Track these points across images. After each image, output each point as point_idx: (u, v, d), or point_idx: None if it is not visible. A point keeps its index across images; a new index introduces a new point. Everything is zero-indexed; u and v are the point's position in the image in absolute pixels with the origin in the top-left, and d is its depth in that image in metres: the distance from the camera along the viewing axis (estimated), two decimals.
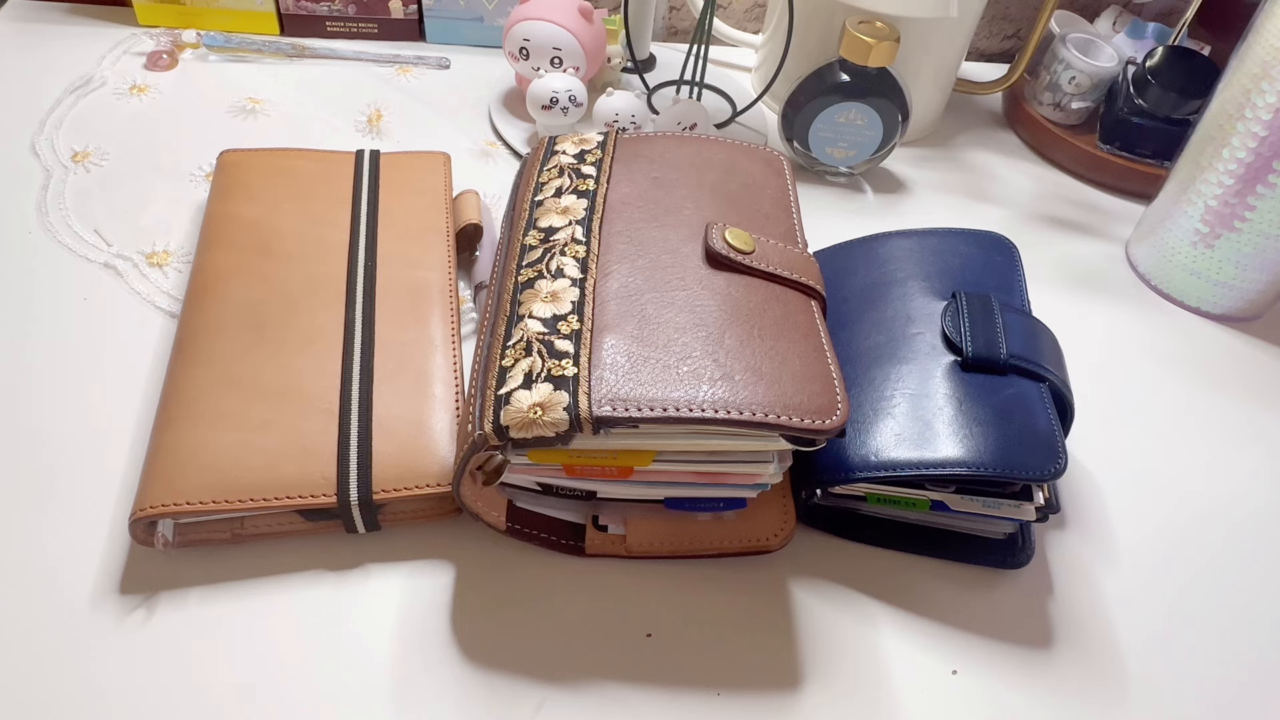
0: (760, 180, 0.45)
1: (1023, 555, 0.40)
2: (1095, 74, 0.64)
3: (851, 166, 0.61)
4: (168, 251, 0.49)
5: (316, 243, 0.45)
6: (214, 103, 0.61)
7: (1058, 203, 0.64)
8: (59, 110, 0.58)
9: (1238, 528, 0.44)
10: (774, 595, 0.38)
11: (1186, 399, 0.50)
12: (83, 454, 0.39)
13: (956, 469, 0.35)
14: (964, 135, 0.69)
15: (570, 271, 0.37)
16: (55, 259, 0.48)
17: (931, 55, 0.62)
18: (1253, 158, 0.49)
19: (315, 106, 0.61)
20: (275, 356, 0.40)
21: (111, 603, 0.35)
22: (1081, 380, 0.42)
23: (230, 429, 0.37)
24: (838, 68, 0.57)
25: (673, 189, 0.43)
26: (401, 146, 0.57)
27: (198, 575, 0.36)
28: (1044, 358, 0.39)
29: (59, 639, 0.34)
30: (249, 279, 0.43)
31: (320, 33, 0.68)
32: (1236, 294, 0.54)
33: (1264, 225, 0.51)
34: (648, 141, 0.46)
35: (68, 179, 0.53)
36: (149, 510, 0.34)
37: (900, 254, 0.45)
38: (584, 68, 0.58)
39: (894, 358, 0.40)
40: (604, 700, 0.34)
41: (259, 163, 0.50)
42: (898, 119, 0.58)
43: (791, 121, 0.59)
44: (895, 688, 0.36)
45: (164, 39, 0.64)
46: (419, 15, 0.69)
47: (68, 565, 0.36)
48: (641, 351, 0.34)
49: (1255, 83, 0.48)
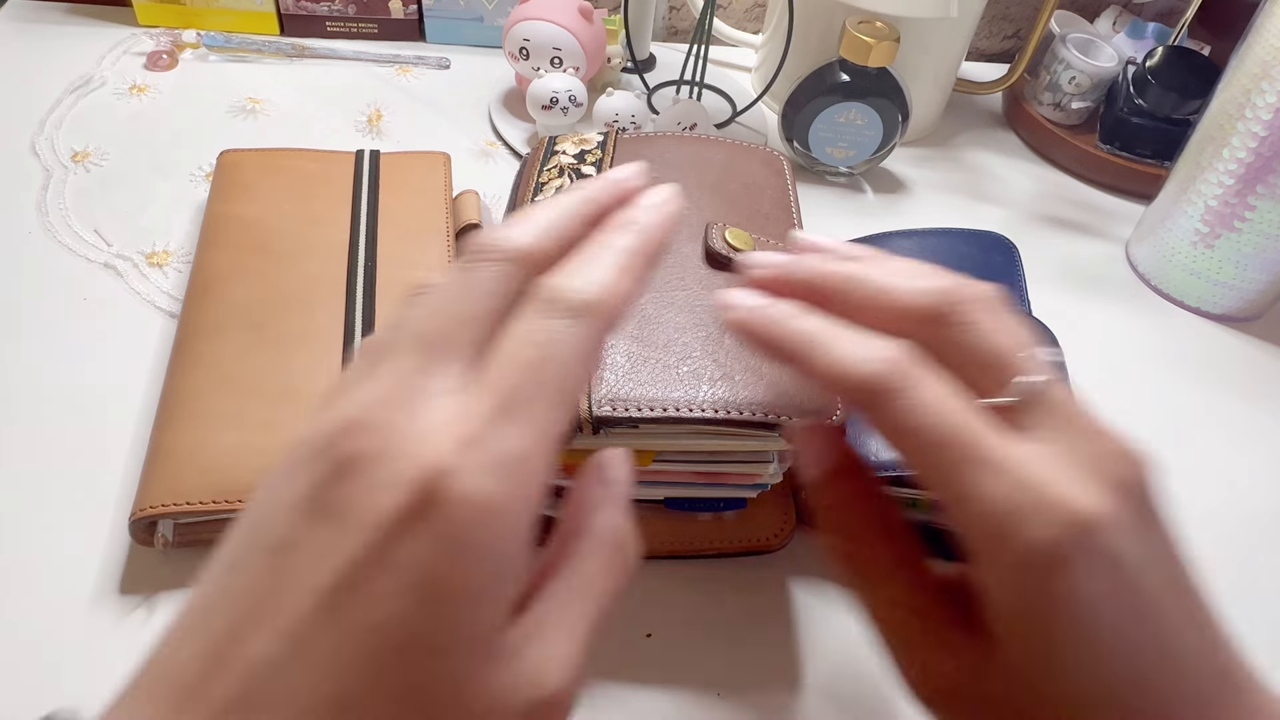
0: (760, 180, 0.45)
1: None
2: (1095, 74, 0.64)
3: (851, 166, 0.61)
4: (167, 251, 0.49)
5: (316, 243, 0.45)
6: (214, 103, 0.61)
7: (1058, 203, 0.64)
8: (59, 110, 0.58)
9: (1238, 528, 0.44)
10: (774, 595, 0.38)
11: (1186, 399, 0.50)
12: (82, 454, 0.39)
13: None
14: (964, 135, 0.69)
15: None
16: (55, 259, 0.48)
17: (931, 55, 0.62)
18: (1253, 158, 0.49)
19: (315, 106, 0.61)
20: (275, 356, 0.40)
21: (111, 602, 0.35)
22: (1081, 380, 0.41)
23: (230, 429, 0.37)
24: (838, 68, 0.57)
25: None
26: (401, 146, 0.57)
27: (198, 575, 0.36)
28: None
29: (59, 639, 0.34)
30: (249, 279, 0.43)
31: (320, 33, 0.68)
32: (1236, 294, 0.54)
33: (1264, 225, 0.51)
34: (648, 141, 0.46)
35: (67, 179, 0.53)
36: (148, 510, 0.34)
37: (900, 254, 0.44)
38: (584, 68, 0.58)
39: None
40: (603, 700, 0.34)
41: (259, 162, 0.50)
42: (898, 119, 0.58)
43: (791, 121, 0.59)
44: (896, 688, 0.36)
45: (164, 39, 0.64)
46: (419, 15, 0.69)
47: (68, 565, 0.36)
48: (641, 351, 0.34)
49: (1255, 83, 0.48)
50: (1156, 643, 0.22)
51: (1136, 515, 0.22)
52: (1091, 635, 0.21)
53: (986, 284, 0.25)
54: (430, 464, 0.18)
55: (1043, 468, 0.22)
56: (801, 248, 0.27)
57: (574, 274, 0.21)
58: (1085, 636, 0.21)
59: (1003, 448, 0.22)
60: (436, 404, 0.19)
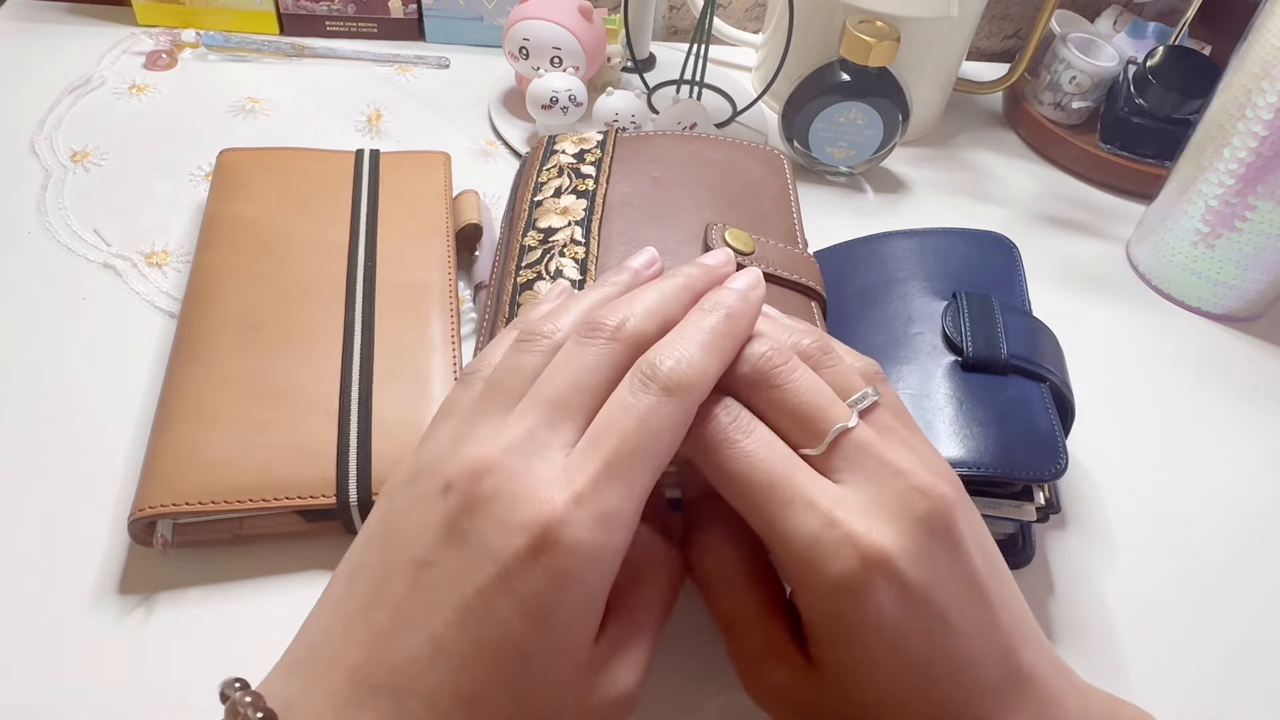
0: (760, 180, 0.45)
1: (1023, 555, 0.40)
2: (1096, 74, 0.64)
3: (851, 166, 0.61)
4: (167, 251, 0.49)
5: (317, 242, 0.45)
6: (213, 102, 0.60)
7: (1058, 203, 0.64)
8: (58, 110, 0.58)
9: (1239, 527, 0.44)
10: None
11: (1187, 399, 0.50)
12: (82, 454, 0.39)
13: (957, 468, 0.35)
14: (964, 135, 0.69)
15: (569, 273, 0.37)
16: (54, 259, 0.48)
17: (931, 55, 0.62)
18: (1253, 158, 0.49)
19: (315, 106, 0.61)
20: (275, 356, 0.40)
21: (111, 602, 0.35)
22: (1082, 380, 0.41)
23: (229, 429, 0.37)
24: (838, 67, 0.57)
25: (672, 189, 0.43)
26: (401, 146, 0.57)
27: (197, 575, 0.36)
28: (1045, 358, 0.39)
29: (59, 638, 0.34)
30: (249, 278, 0.43)
31: (320, 32, 0.68)
32: (1237, 294, 0.54)
33: (1264, 225, 0.51)
34: (647, 140, 0.46)
35: (67, 179, 0.53)
36: (148, 510, 0.34)
37: (900, 254, 0.44)
38: (584, 67, 0.58)
39: (894, 358, 0.40)
40: None
41: (259, 162, 0.50)
42: (898, 119, 0.58)
43: (791, 121, 0.59)
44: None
45: (163, 38, 0.64)
46: (419, 15, 0.69)
47: (68, 565, 0.36)
48: None
49: (1256, 82, 0.48)
50: (946, 654, 0.25)
51: (928, 544, 0.25)
52: (885, 651, 0.25)
53: (812, 339, 0.29)
54: (549, 513, 0.23)
55: (845, 507, 0.25)
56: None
57: (670, 353, 0.26)
58: (881, 652, 0.25)
59: (813, 491, 0.26)
60: (555, 458, 0.24)
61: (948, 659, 0.25)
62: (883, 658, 0.25)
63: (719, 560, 0.30)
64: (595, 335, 0.26)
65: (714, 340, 0.27)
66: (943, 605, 0.25)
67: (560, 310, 0.29)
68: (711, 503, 0.31)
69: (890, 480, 0.26)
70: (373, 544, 0.26)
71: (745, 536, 0.30)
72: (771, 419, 0.27)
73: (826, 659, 0.27)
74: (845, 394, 0.28)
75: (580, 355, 0.26)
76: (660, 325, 0.27)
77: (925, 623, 0.25)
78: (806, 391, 0.27)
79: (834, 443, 0.26)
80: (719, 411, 0.27)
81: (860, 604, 0.25)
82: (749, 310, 0.28)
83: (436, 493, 0.24)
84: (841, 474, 0.26)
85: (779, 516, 0.25)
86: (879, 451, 0.27)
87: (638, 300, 0.28)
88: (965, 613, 0.26)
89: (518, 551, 0.23)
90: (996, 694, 0.26)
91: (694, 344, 0.26)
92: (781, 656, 0.28)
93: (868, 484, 0.26)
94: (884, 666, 0.25)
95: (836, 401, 0.27)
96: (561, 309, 0.29)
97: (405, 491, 0.26)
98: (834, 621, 0.26)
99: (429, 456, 0.26)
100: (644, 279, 0.31)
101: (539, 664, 0.23)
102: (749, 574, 0.30)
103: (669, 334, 0.27)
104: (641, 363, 0.26)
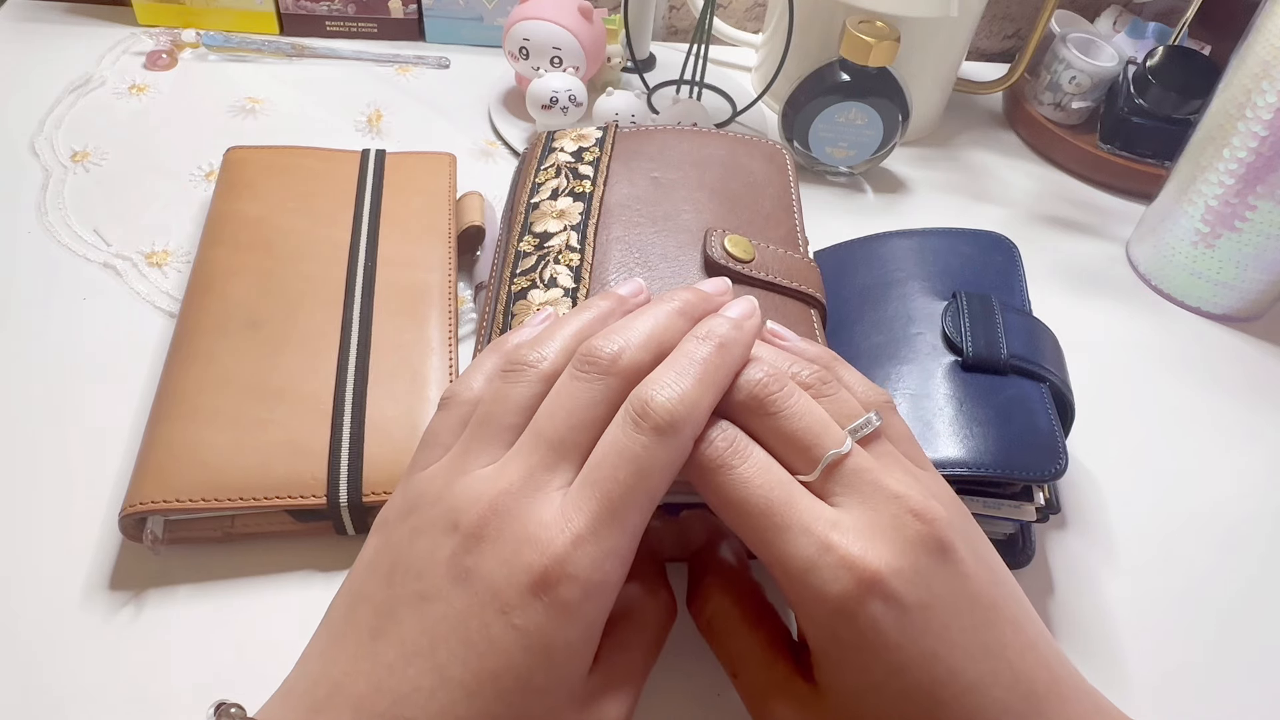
0: (762, 177, 0.45)
1: (1023, 556, 0.40)
2: (1095, 74, 0.64)
3: (851, 166, 0.61)
4: (167, 251, 0.49)
5: (319, 242, 0.45)
6: (213, 102, 0.60)
7: (1058, 203, 0.64)
8: (58, 110, 0.58)
9: (1238, 527, 0.44)
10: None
11: (1187, 399, 0.50)
12: (80, 453, 0.39)
13: (957, 469, 0.35)
14: (964, 135, 0.69)
15: (564, 281, 0.37)
16: (54, 259, 0.48)
17: (931, 55, 0.62)
18: (1253, 157, 0.49)
19: (315, 106, 0.61)
20: (272, 355, 0.40)
21: (101, 598, 0.35)
22: (1082, 380, 0.41)
23: (224, 427, 0.37)
24: (838, 67, 0.57)
25: (672, 190, 0.43)
26: (401, 146, 0.57)
27: (187, 573, 0.36)
28: (1045, 358, 0.39)
29: (49, 634, 0.34)
30: (249, 277, 0.43)
31: (320, 32, 0.68)
32: (1237, 294, 0.54)
33: (1264, 225, 0.51)
34: (648, 136, 0.46)
35: (67, 179, 0.53)
36: (139, 506, 0.34)
37: (900, 254, 0.44)
38: (584, 67, 0.58)
39: (894, 358, 0.40)
40: None
41: (264, 160, 0.50)
42: (898, 119, 0.58)
43: (791, 121, 0.59)
44: None
45: (163, 38, 0.64)
46: (419, 15, 0.69)
47: (60, 561, 0.36)
48: None
49: (1255, 82, 0.48)
50: (952, 675, 0.25)
51: (925, 565, 0.25)
52: (887, 673, 0.25)
53: (811, 370, 0.29)
54: (550, 554, 0.24)
55: (841, 530, 0.26)
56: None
57: (661, 389, 0.26)
58: (883, 674, 0.25)
59: (809, 515, 0.26)
60: (554, 499, 0.25)
61: (954, 681, 0.25)
62: (885, 680, 0.25)
63: (718, 608, 0.31)
64: (590, 369, 0.27)
65: (706, 372, 0.27)
66: (944, 626, 0.25)
67: (545, 337, 0.29)
68: (709, 554, 0.33)
69: (886, 504, 0.26)
70: (373, 576, 0.26)
71: (742, 582, 0.32)
72: (769, 444, 0.27)
73: (831, 684, 0.27)
74: (845, 421, 0.28)
75: (577, 391, 0.27)
76: (656, 354, 0.27)
77: (927, 644, 0.25)
78: (802, 418, 0.27)
79: (831, 468, 0.27)
80: (716, 436, 0.27)
81: (858, 626, 0.25)
82: (743, 339, 0.28)
83: (440, 530, 0.25)
84: (838, 499, 0.27)
85: (776, 541, 0.26)
86: (875, 477, 0.27)
87: (633, 328, 0.28)
88: (970, 634, 0.25)
89: (521, 590, 0.24)
90: (1016, 716, 0.25)
91: (687, 377, 0.26)
92: (786, 691, 0.28)
93: (863, 508, 0.26)
94: (888, 689, 0.25)
95: (832, 427, 0.27)
96: (546, 336, 0.29)
97: (403, 524, 0.26)
98: (834, 644, 0.26)
99: (426, 488, 0.27)
100: (630, 308, 0.31)
101: (538, 694, 0.24)
102: (747, 617, 0.30)
103: (661, 365, 0.27)
104: (633, 399, 0.26)
